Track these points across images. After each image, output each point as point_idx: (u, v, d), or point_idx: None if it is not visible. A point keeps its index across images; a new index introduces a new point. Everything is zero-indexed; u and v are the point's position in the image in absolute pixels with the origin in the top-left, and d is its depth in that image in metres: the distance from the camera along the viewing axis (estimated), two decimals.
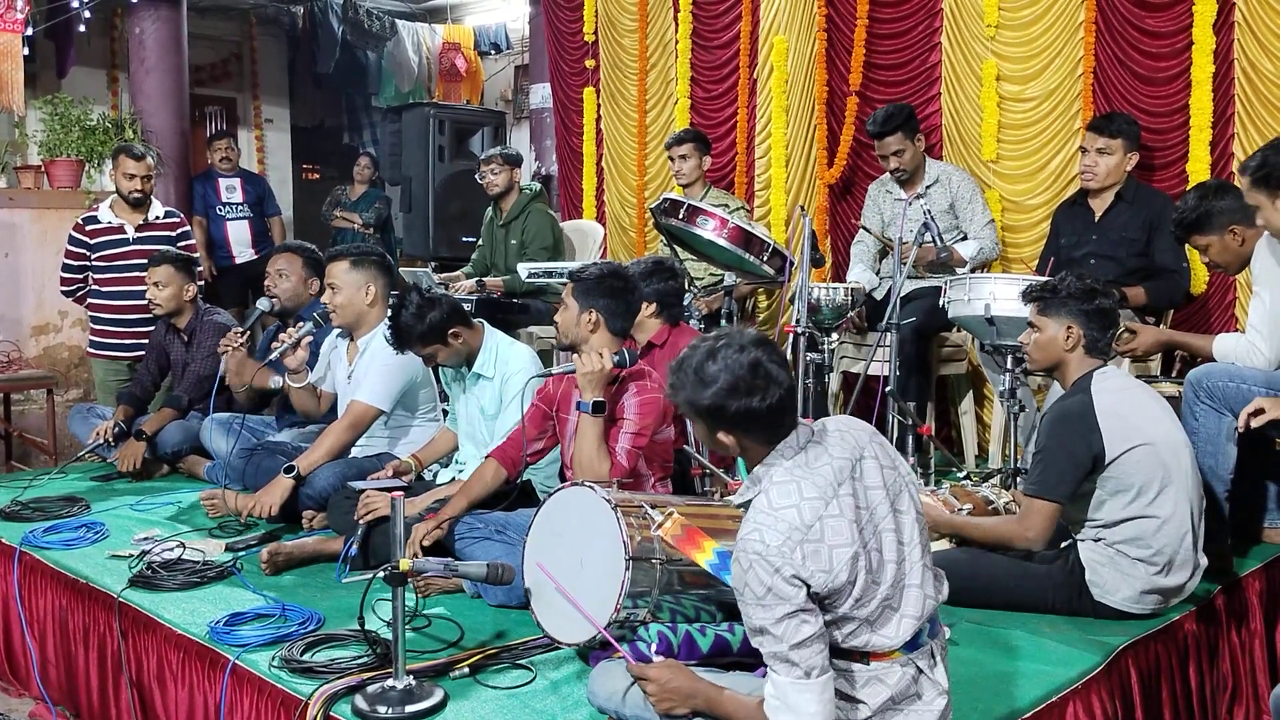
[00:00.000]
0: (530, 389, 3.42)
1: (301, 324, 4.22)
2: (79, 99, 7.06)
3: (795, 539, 1.94)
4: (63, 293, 5.60)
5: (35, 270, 6.62)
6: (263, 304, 4.58)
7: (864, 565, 1.99)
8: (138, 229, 5.43)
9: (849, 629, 2.02)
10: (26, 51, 6.61)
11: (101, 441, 4.71)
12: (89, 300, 5.48)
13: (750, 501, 2.05)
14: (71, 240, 5.44)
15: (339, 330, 4.24)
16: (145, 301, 4.96)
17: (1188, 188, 4.15)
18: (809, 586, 1.95)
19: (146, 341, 5.14)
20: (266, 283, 4.64)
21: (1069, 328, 3.12)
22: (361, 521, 3.44)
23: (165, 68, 7.19)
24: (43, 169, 6.91)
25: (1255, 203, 3.28)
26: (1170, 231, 3.83)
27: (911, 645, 2.09)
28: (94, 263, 5.41)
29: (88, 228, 5.42)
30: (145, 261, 4.99)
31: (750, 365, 2.01)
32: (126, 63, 7.52)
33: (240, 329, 4.43)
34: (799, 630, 1.92)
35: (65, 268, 5.48)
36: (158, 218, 5.52)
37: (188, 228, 5.75)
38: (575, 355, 3.21)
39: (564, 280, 3.42)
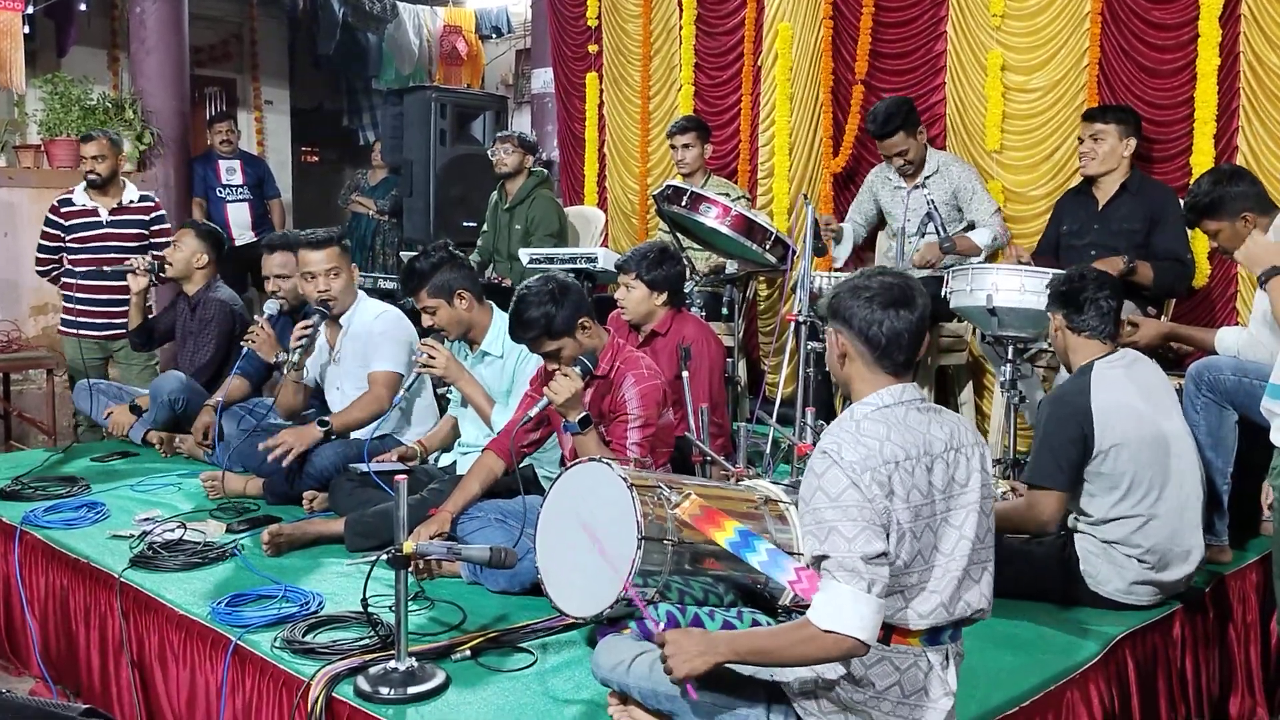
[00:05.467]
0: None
1: (312, 317, 4.15)
2: (79, 78, 7.03)
3: (870, 464, 2.00)
4: (37, 273, 5.71)
5: (34, 250, 6.59)
6: (270, 307, 4.49)
7: (913, 531, 2.03)
8: (111, 212, 5.52)
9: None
10: (27, 30, 6.58)
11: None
12: (63, 280, 5.53)
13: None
14: (47, 221, 5.54)
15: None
16: (118, 283, 5.07)
17: (1191, 180, 4.14)
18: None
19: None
20: (269, 285, 4.59)
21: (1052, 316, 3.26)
22: None
23: (165, 48, 7.15)
24: (42, 148, 6.91)
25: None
26: (1182, 215, 3.82)
27: (932, 639, 2.11)
28: (68, 244, 5.48)
29: (63, 210, 5.51)
30: (119, 244, 5.10)
31: (888, 284, 2.11)
32: (127, 42, 7.48)
33: (261, 321, 4.37)
34: (870, 543, 1.96)
35: (40, 249, 5.59)
36: (131, 201, 5.59)
37: (162, 211, 5.78)
38: (548, 385, 3.10)
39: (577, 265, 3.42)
